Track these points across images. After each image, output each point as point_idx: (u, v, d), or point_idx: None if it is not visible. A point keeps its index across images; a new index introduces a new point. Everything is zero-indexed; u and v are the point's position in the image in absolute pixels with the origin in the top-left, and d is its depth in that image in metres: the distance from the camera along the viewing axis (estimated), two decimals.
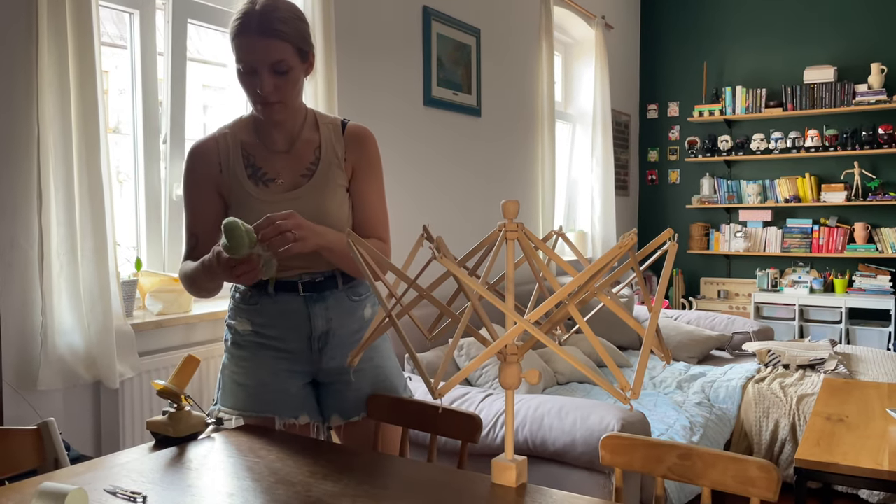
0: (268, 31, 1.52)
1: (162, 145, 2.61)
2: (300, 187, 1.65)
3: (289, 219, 1.46)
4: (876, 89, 5.38)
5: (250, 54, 1.54)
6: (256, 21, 1.52)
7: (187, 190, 1.69)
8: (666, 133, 6.42)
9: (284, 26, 1.54)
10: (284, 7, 1.57)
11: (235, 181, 1.65)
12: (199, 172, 1.67)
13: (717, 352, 4.33)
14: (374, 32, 3.28)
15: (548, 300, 1.12)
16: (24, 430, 1.49)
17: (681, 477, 1.33)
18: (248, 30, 1.53)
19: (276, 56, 1.53)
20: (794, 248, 5.75)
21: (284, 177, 1.65)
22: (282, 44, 1.54)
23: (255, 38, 1.52)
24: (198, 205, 1.68)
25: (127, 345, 2.19)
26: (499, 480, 1.26)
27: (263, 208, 1.60)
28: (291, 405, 1.69)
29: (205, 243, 1.66)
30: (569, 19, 5.24)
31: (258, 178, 1.65)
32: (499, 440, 2.41)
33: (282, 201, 1.62)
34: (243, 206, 1.63)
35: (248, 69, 1.56)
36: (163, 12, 2.60)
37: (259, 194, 1.63)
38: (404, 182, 3.50)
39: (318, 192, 1.64)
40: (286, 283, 1.66)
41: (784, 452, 3.18)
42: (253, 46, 1.53)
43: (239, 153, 1.66)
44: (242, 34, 1.54)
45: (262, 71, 1.54)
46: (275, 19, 1.53)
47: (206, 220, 1.67)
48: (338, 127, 1.72)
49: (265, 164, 1.66)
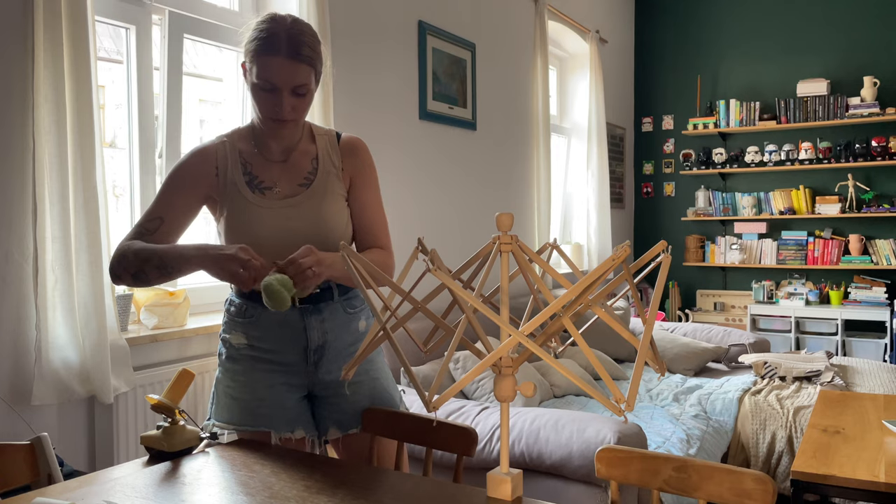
0: (296, 55, 1.55)
1: (158, 160, 2.61)
2: (298, 195, 1.66)
3: (308, 255, 1.49)
4: (869, 102, 5.42)
5: (275, 75, 1.55)
6: (285, 44, 1.54)
7: (172, 180, 1.66)
8: (661, 146, 6.45)
9: (310, 51, 1.57)
10: (308, 30, 1.60)
11: (233, 187, 1.66)
12: (193, 168, 1.67)
13: (713, 364, 4.32)
14: (369, 46, 3.30)
15: (542, 312, 1.13)
16: (18, 446, 1.48)
17: (677, 490, 1.33)
18: (274, 50, 1.54)
19: (300, 80, 1.57)
20: (790, 260, 5.77)
21: (281, 186, 1.67)
22: (307, 68, 1.57)
23: (282, 60, 1.54)
24: (176, 196, 1.65)
25: (121, 359, 2.18)
26: (494, 494, 1.26)
27: (261, 214, 1.62)
28: (287, 419, 1.68)
29: (168, 230, 1.63)
30: (563, 34, 5.27)
31: (255, 186, 1.66)
32: (495, 453, 2.41)
33: (280, 208, 1.64)
34: (241, 213, 1.64)
35: (268, 87, 1.57)
36: (159, 27, 2.61)
37: (257, 201, 1.65)
38: (399, 195, 3.51)
39: (317, 200, 1.66)
40: None
41: (781, 464, 3.18)
42: (278, 68, 1.54)
43: (237, 160, 1.68)
44: (268, 54, 1.54)
45: (283, 91, 1.57)
46: (302, 44, 1.56)
47: (177, 213, 1.65)
48: (333, 138, 1.76)
49: (262, 173, 1.68)
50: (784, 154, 5.75)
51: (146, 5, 2.53)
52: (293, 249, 1.58)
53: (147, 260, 1.52)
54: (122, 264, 1.55)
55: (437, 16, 3.76)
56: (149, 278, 1.54)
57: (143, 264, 1.53)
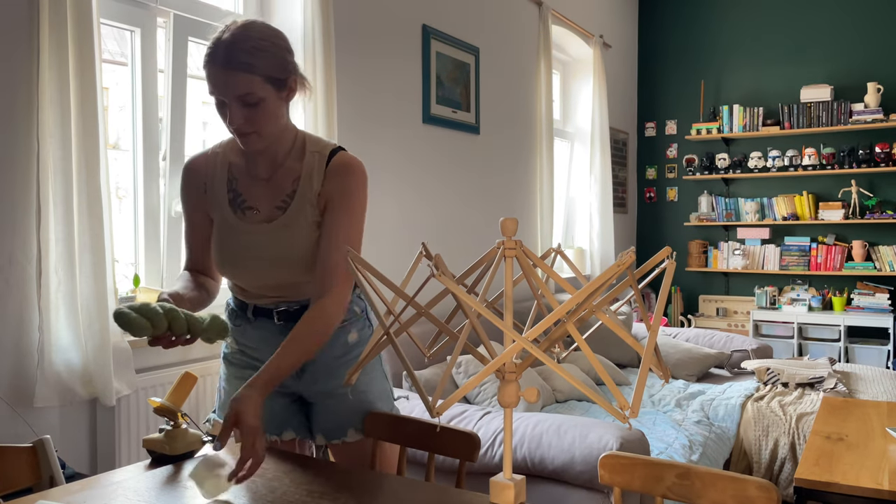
0: (232, 62, 1.44)
1: (161, 162, 2.61)
2: (273, 220, 1.60)
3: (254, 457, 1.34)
4: (872, 108, 5.41)
5: (216, 87, 1.47)
6: (222, 52, 1.45)
7: (182, 200, 1.72)
8: (664, 151, 6.45)
9: (251, 58, 1.45)
10: (257, 35, 1.48)
11: (217, 206, 1.64)
12: (187, 188, 1.69)
13: (715, 370, 4.31)
14: (373, 50, 3.30)
15: (546, 318, 1.12)
16: (20, 448, 1.48)
17: (680, 496, 1.33)
18: (213, 60, 1.46)
19: (241, 89, 1.46)
20: (793, 266, 5.76)
21: (261, 206, 1.61)
22: (247, 76, 1.45)
23: (219, 70, 1.45)
24: (188, 219, 1.71)
25: (124, 362, 2.18)
26: (497, 499, 1.26)
27: (240, 238, 1.60)
28: (275, 422, 1.71)
29: (196, 257, 1.70)
30: (567, 38, 5.28)
31: (237, 205, 1.63)
32: (497, 459, 2.40)
33: (255, 234, 1.60)
34: (222, 231, 1.63)
35: (217, 101, 1.51)
36: (164, 30, 2.61)
37: (236, 223, 1.61)
38: (403, 199, 3.51)
39: (288, 230, 1.58)
40: (263, 310, 1.68)
41: (784, 471, 3.17)
42: (217, 79, 1.46)
43: (225, 176, 1.65)
44: (208, 65, 1.47)
45: (230, 103, 1.48)
46: (240, 51, 1.45)
47: (197, 234, 1.70)
48: (323, 157, 1.61)
49: (246, 191, 1.63)
50: (787, 160, 5.75)
51: (151, 8, 2.53)
52: (265, 275, 1.60)
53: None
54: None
55: (440, 20, 3.77)
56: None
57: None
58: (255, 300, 1.67)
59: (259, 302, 1.67)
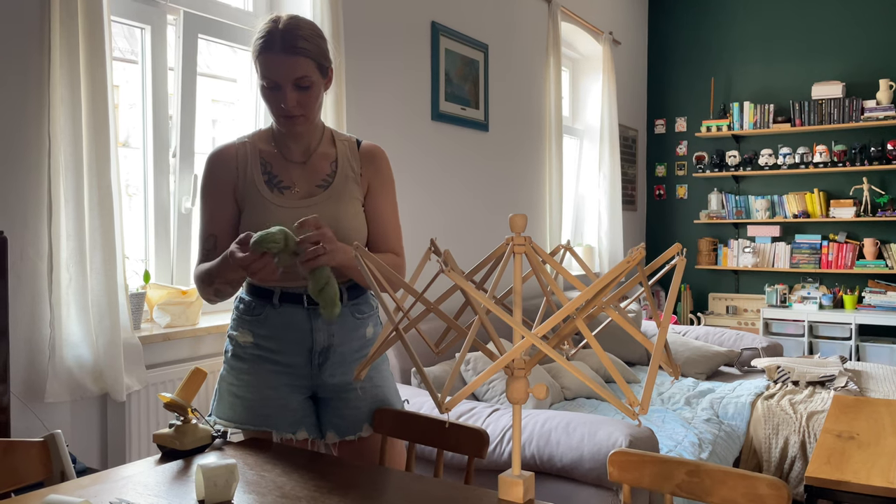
0: (291, 48, 1.58)
1: (171, 159, 2.62)
2: (316, 195, 1.68)
3: (321, 226, 1.50)
4: (884, 105, 5.37)
5: (274, 71, 1.59)
6: (280, 39, 1.58)
7: (206, 193, 1.72)
8: (674, 148, 6.42)
9: (306, 44, 1.60)
10: (306, 25, 1.64)
11: (251, 185, 1.68)
12: (217, 176, 1.70)
13: (725, 368, 4.30)
14: (382, 47, 3.30)
15: (556, 314, 1.12)
16: (31, 443, 1.49)
17: (689, 494, 1.32)
18: (272, 48, 1.58)
19: (299, 72, 1.59)
20: (803, 264, 5.73)
21: (300, 186, 1.69)
22: (304, 60, 1.59)
23: (279, 56, 1.58)
24: (215, 208, 1.71)
25: (134, 357, 2.19)
26: (506, 496, 1.25)
27: (278, 213, 1.64)
28: (290, 420, 1.69)
29: (223, 244, 1.69)
30: (576, 35, 5.26)
31: (273, 185, 1.69)
32: (506, 455, 2.40)
33: (297, 207, 1.65)
34: (258, 210, 1.66)
35: (271, 85, 1.61)
36: (174, 28, 2.62)
37: (274, 199, 1.67)
38: (412, 196, 3.51)
39: (334, 201, 1.69)
40: (291, 295, 1.67)
41: (794, 470, 3.15)
42: (277, 63, 1.58)
43: (257, 160, 1.71)
44: (266, 52, 1.59)
45: (285, 86, 1.60)
46: (297, 37, 1.59)
47: (223, 222, 1.71)
48: (353, 144, 1.78)
49: (281, 173, 1.70)
50: (798, 157, 5.71)
51: (161, 5, 2.54)
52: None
53: (211, 280, 1.62)
54: (200, 290, 1.69)
55: (450, 17, 3.76)
56: (223, 293, 1.67)
57: (210, 286, 1.64)
58: (284, 283, 1.67)
59: (286, 285, 1.67)
